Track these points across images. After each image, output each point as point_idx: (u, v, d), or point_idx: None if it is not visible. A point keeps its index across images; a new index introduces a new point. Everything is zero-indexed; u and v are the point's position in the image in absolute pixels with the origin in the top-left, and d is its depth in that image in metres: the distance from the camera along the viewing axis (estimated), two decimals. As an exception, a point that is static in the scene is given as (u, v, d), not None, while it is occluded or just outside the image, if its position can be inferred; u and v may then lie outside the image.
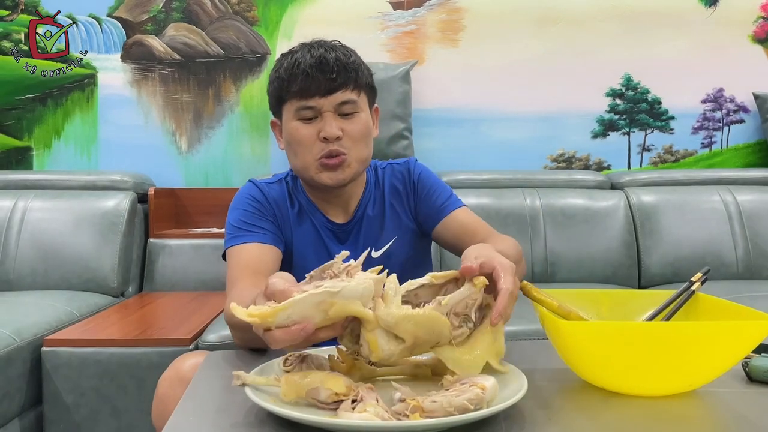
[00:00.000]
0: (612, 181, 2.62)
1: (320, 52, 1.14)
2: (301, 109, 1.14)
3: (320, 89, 1.13)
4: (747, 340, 0.81)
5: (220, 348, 1.67)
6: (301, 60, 1.13)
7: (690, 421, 0.77)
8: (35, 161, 2.74)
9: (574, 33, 2.76)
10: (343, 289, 0.71)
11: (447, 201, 1.27)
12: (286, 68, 1.15)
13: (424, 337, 0.76)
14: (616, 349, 0.80)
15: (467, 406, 0.68)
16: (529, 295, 0.91)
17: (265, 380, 0.76)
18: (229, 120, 2.76)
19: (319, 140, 1.14)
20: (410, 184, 1.29)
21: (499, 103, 2.77)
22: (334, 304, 0.71)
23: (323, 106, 1.14)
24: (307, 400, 0.74)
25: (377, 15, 2.77)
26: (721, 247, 2.37)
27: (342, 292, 0.71)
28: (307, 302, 0.70)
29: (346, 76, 1.14)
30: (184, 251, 2.47)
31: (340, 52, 1.15)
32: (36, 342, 1.75)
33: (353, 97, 1.15)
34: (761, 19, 2.77)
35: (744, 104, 2.79)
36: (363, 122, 1.17)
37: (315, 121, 1.15)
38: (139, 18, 2.76)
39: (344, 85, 1.14)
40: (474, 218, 1.26)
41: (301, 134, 1.15)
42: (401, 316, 0.74)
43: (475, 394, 0.70)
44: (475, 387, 0.71)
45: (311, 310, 0.71)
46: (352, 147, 1.16)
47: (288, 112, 1.17)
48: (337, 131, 1.13)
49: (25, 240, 2.34)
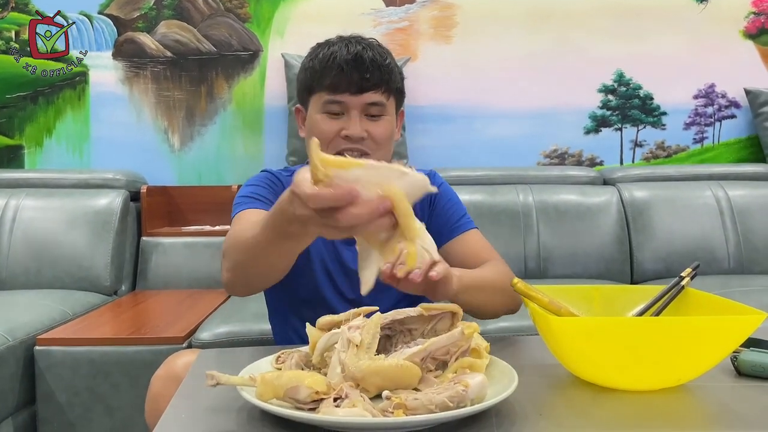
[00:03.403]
0: (604, 177, 2.63)
1: (357, 48, 1.12)
2: (328, 102, 1.12)
3: (351, 86, 1.11)
4: (735, 334, 0.81)
5: (213, 346, 1.68)
6: (338, 54, 1.11)
7: (680, 415, 0.78)
8: (27, 160, 2.73)
9: (567, 29, 2.77)
10: (410, 173, 0.69)
11: (461, 220, 1.24)
12: (320, 59, 1.13)
13: (389, 386, 0.72)
14: (606, 344, 0.81)
15: (447, 404, 0.68)
16: (519, 291, 0.91)
17: (241, 380, 0.74)
18: (221, 117, 2.76)
19: (340, 137, 1.12)
20: (427, 196, 1.28)
21: (491, 100, 2.77)
22: (392, 188, 0.68)
23: (351, 104, 1.12)
24: (285, 400, 0.71)
25: (370, 11, 2.76)
26: (712, 242, 2.39)
27: (408, 176, 0.69)
28: (380, 171, 0.67)
29: (379, 77, 1.12)
30: (177, 249, 2.46)
31: (376, 52, 1.13)
32: (29, 341, 1.74)
33: (382, 99, 1.14)
34: (752, 15, 2.78)
35: (735, 100, 2.80)
36: (387, 126, 1.15)
37: (340, 117, 1.13)
38: (130, 15, 2.75)
39: (376, 87, 1.12)
40: (484, 243, 1.24)
41: (324, 128, 1.12)
42: (370, 371, 0.72)
43: (456, 391, 0.69)
44: (459, 385, 0.70)
45: (373, 186, 0.67)
46: (375, 150, 1.14)
47: (315, 103, 1.15)
48: (361, 132, 1.11)
49: (17, 239, 2.33)
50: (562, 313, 0.92)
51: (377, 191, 0.68)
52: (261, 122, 2.76)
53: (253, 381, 0.72)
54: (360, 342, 0.74)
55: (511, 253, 2.35)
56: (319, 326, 0.84)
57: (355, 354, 0.73)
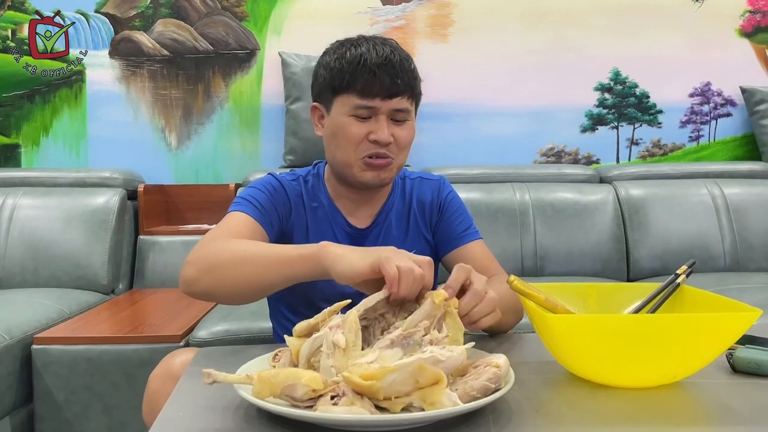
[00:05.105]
0: (601, 175, 2.63)
1: (386, 51, 1.10)
2: (359, 107, 1.11)
3: (383, 91, 1.10)
4: (730, 331, 0.82)
5: (210, 344, 1.68)
6: (367, 56, 1.10)
7: (675, 411, 0.78)
8: (24, 158, 2.73)
9: (563, 27, 2.77)
10: (448, 359, 0.70)
11: (467, 230, 1.25)
12: (349, 60, 1.11)
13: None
14: (602, 341, 0.81)
15: (489, 386, 0.71)
16: (516, 288, 0.92)
17: (237, 378, 0.73)
18: (218, 116, 2.76)
19: (367, 140, 1.12)
20: (437, 202, 1.27)
21: (488, 98, 2.77)
22: (427, 369, 0.68)
23: (381, 108, 1.11)
24: (282, 398, 0.71)
25: (367, 10, 2.77)
26: (708, 240, 2.39)
27: (446, 362, 0.70)
28: (411, 367, 0.68)
29: (407, 82, 1.12)
30: (175, 248, 2.46)
31: (402, 56, 1.13)
32: (26, 340, 1.74)
33: (408, 105, 1.14)
34: (748, 13, 2.79)
35: (731, 98, 2.80)
36: (411, 131, 1.16)
37: (368, 120, 1.12)
38: (127, 14, 2.75)
39: (404, 92, 1.12)
40: (488, 254, 1.25)
41: (353, 132, 1.11)
42: None
43: (493, 373, 0.72)
44: (490, 366, 0.72)
45: (410, 378, 0.68)
46: (398, 153, 1.14)
47: (342, 105, 1.13)
48: (389, 137, 1.11)
49: (15, 238, 2.32)
50: (559, 310, 0.92)
51: (414, 383, 0.68)
52: (258, 121, 2.76)
53: (250, 379, 0.72)
54: (345, 344, 0.74)
55: (508, 251, 2.35)
56: (296, 334, 0.82)
57: (343, 356, 0.74)
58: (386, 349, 0.74)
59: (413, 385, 0.68)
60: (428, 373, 0.67)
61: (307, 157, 2.49)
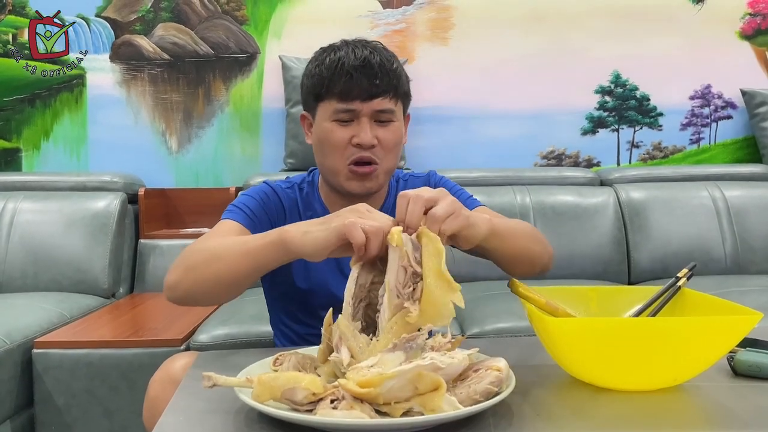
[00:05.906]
0: (601, 178, 2.63)
1: (365, 53, 1.09)
2: (339, 111, 1.10)
3: (362, 93, 1.08)
4: (731, 335, 0.82)
5: (210, 348, 1.68)
6: (345, 60, 1.09)
7: (677, 414, 0.78)
8: (24, 162, 2.73)
9: (563, 30, 2.77)
10: (448, 366, 0.70)
11: (467, 201, 1.22)
12: (327, 65, 1.10)
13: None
14: (603, 345, 0.81)
15: (491, 389, 0.71)
16: (516, 292, 0.92)
17: (238, 381, 0.74)
18: (219, 120, 2.76)
19: (351, 144, 1.11)
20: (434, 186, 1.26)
21: (489, 101, 2.77)
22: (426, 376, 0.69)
23: (362, 111, 1.10)
24: (282, 402, 0.71)
25: (367, 13, 2.77)
26: (709, 243, 2.39)
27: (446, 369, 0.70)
28: (409, 374, 0.68)
29: (388, 82, 1.10)
30: (175, 252, 2.45)
31: (383, 56, 1.11)
32: (26, 344, 1.74)
33: (391, 105, 1.12)
34: (748, 16, 2.79)
35: (732, 100, 2.80)
36: (397, 132, 1.14)
37: (350, 124, 1.11)
38: (127, 18, 2.75)
39: (385, 92, 1.10)
40: (496, 214, 1.22)
41: (336, 137, 1.10)
42: None
43: (495, 376, 0.72)
44: (491, 370, 0.72)
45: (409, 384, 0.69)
46: (384, 156, 1.13)
47: (324, 111, 1.12)
48: (372, 139, 1.10)
49: (15, 242, 2.32)
50: (559, 313, 0.92)
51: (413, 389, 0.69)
52: (258, 124, 2.76)
53: (250, 382, 0.72)
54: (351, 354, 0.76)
55: (509, 254, 2.35)
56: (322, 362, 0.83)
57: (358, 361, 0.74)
58: (388, 353, 0.74)
59: (412, 392, 0.68)
60: (427, 379, 0.67)
61: (307, 160, 2.49)
